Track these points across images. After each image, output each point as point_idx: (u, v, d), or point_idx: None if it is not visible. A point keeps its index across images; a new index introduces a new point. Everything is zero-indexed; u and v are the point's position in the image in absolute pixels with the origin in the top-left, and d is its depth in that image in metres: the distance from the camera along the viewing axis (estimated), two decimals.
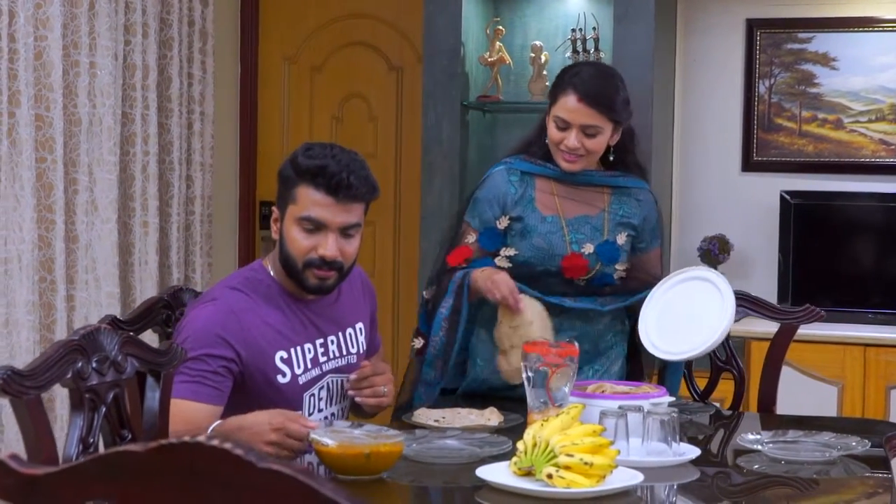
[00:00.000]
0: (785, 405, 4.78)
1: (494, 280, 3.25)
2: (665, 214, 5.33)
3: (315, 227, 2.85)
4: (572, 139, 3.31)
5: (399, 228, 5.86)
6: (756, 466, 2.71)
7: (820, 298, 5.14)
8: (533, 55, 5.31)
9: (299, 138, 5.98)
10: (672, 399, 2.94)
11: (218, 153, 5.71)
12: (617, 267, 3.39)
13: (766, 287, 5.25)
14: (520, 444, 2.45)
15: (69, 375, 2.27)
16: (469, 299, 3.33)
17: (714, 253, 5.25)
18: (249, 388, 2.82)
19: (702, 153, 5.46)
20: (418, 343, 3.43)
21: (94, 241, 4.83)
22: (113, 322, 2.85)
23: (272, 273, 2.95)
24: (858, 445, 2.78)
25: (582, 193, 3.42)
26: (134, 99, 5.05)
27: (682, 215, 5.49)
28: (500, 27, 5.33)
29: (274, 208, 2.95)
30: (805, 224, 5.17)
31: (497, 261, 3.39)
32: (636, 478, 2.43)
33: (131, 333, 2.55)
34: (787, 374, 4.84)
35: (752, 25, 5.37)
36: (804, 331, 4.81)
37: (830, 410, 4.76)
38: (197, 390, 2.74)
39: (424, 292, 3.51)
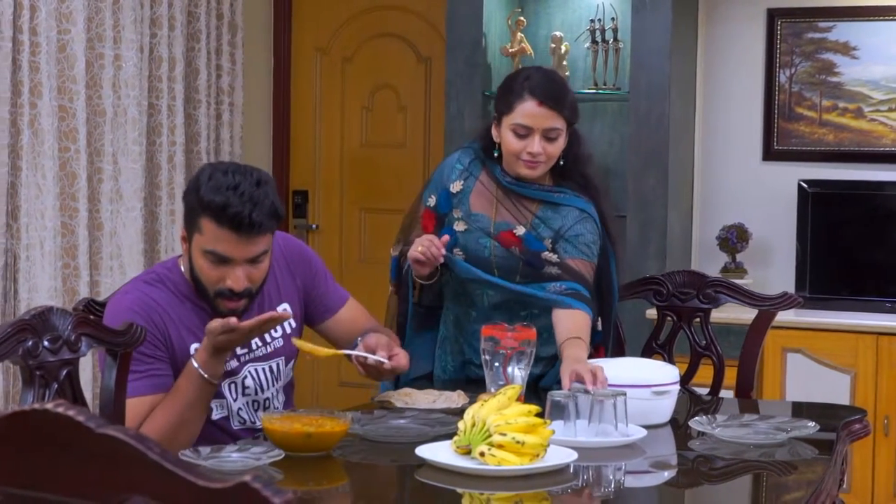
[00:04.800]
0: (797, 393, 4.82)
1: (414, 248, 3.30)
2: (685, 203, 5.39)
3: (221, 260, 2.80)
4: (535, 145, 3.25)
5: None
6: (702, 448, 2.77)
7: (837, 287, 5.17)
8: (553, 45, 5.37)
9: (331, 128, 6.10)
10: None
11: (249, 143, 5.84)
12: (542, 256, 3.36)
13: (785, 276, 5.28)
14: (460, 424, 2.53)
15: (19, 353, 2.38)
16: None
17: (732, 242, 5.28)
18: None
19: (723, 142, 5.49)
20: (391, 289, 3.56)
21: (119, 229, 4.97)
22: (89, 304, 2.96)
23: (186, 275, 2.94)
24: (811, 429, 2.82)
25: (517, 204, 3.39)
26: (160, 90, 5.19)
27: (702, 204, 5.51)
28: (522, 18, 5.39)
29: (182, 227, 2.90)
30: (823, 213, 5.18)
31: (456, 226, 3.42)
32: (570, 457, 2.50)
33: (92, 315, 2.66)
34: (799, 361, 4.89)
35: (773, 15, 5.38)
36: (818, 319, 4.88)
37: (843, 399, 4.77)
38: (155, 384, 2.81)
39: (392, 249, 3.55)
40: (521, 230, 3.38)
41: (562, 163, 3.36)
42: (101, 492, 1.42)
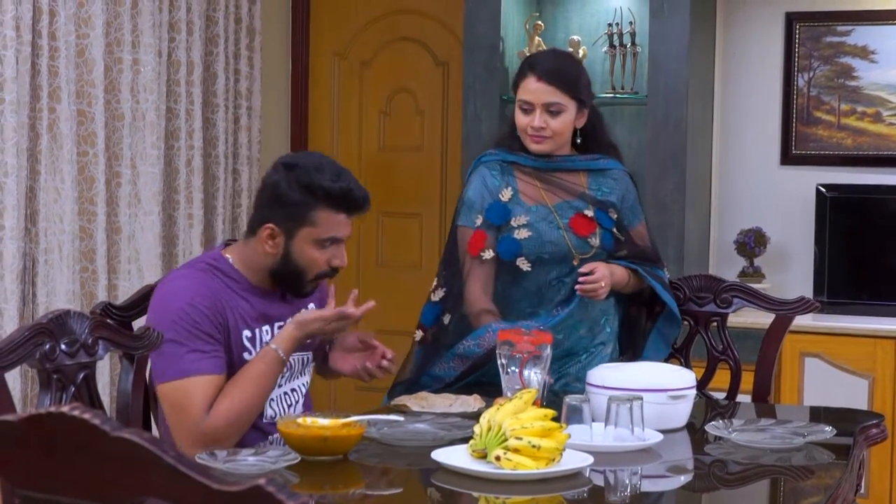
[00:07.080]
0: (815, 397, 4.81)
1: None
2: (703, 207, 5.39)
3: (333, 242, 2.98)
4: (537, 119, 3.43)
5: (445, 220, 5.94)
6: (719, 452, 2.77)
7: (855, 292, 5.16)
8: (571, 50, 5.36)
9: (349, 132, 6.11)
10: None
11: (267, 147, 5.85)
12: (613, 230, 3.52)
13: (803, 280, 5.27)
14: (476, 428, 2.53)
15: (36, 357, 2.39)
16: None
17: (750, 246, 5.27)
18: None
19: (741, 146, 5.48)
20: (418, 336, 3.53)
21: (137, 233, 4.99)
22: (106, 308, 2.97)
23: (235, 266, 3.01)
24: (828, 433, 2.82)
25: (561, 180, 3.52)
26: (178, 94, 5.21)
27: (720, 208, 5.50)
28: (539, 22, 5.39)
29: (270, 226, 2.95)
30: (841, 217, 5.16)
31: (516, 234, 3.46)
32: (585, 461, 2.49)
33: (109, 319, 2.67)
34: (818, 366, 4.88)
35: (792, 19, 5.37)
36: (836, 323, 4.87)
37: (861, 403, 4.76)
38: (220, 365, 2.87)
39: (432, 294, 3.55)
40: (590, 211, 3.48)
41: (579, 140, 3.53)
42: (117, 494, 1.43)
